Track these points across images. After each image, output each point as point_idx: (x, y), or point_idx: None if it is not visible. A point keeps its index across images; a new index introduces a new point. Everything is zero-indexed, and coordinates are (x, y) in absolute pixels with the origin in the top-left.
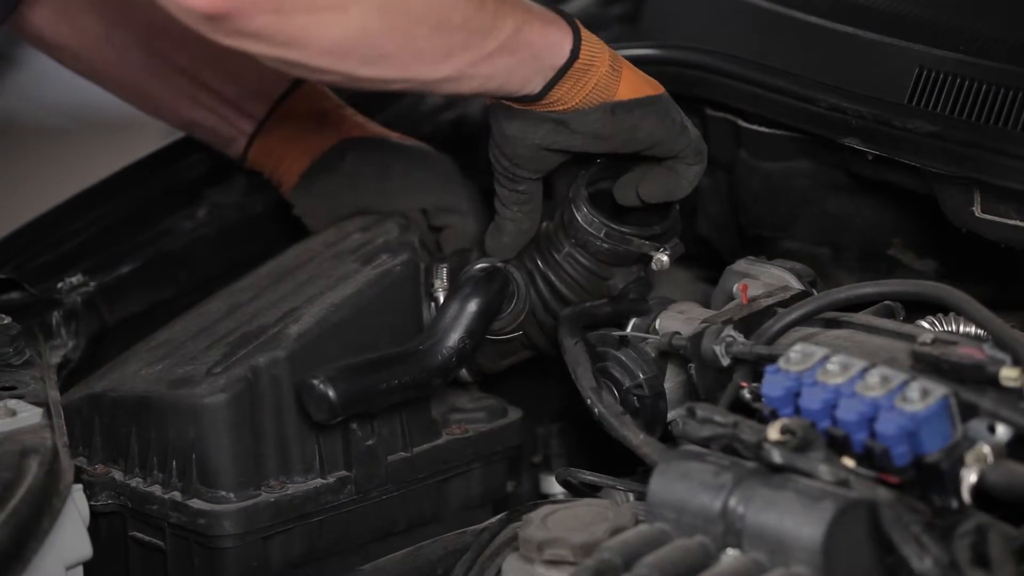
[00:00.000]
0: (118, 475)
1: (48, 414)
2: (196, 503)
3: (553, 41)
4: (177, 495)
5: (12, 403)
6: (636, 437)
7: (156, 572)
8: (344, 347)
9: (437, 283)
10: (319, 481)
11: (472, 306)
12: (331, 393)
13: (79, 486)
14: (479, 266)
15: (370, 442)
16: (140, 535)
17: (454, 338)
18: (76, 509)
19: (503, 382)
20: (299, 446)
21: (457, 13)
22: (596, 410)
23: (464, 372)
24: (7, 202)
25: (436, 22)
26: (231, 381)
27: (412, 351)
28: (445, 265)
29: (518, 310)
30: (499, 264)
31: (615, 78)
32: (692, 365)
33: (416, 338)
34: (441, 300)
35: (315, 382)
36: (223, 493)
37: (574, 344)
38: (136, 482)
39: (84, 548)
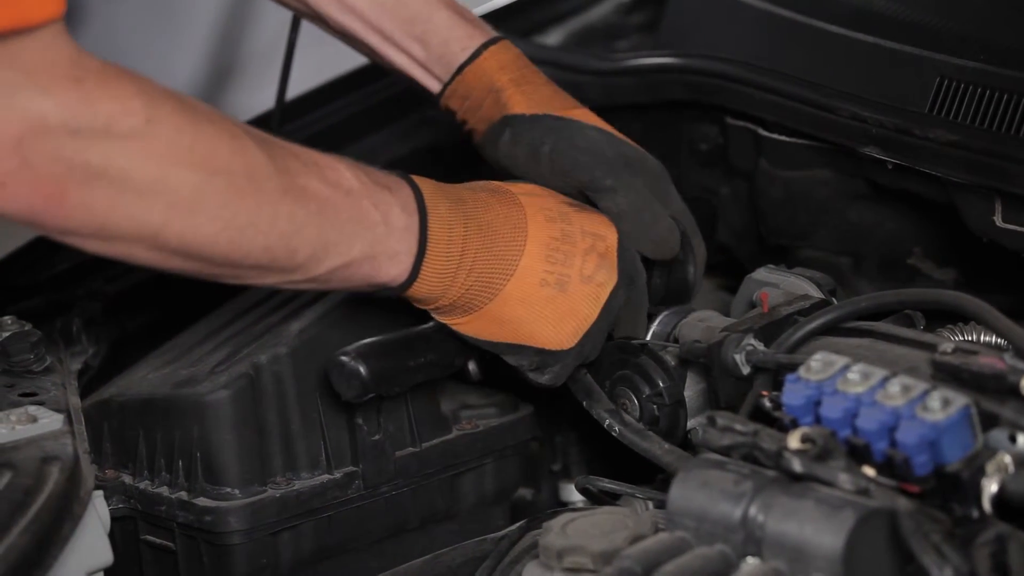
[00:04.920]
0: (128, 479)
1: (69, 420)
2: (202, 501)
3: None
4: (184, 494)
5: (33, 409)
6: (661, 448)
7: (169, 574)
8: (346, 342)
9: None
10: (326, 477)
11: None
12: (362, 370)
13: (99, 492)
14: None
15: (376, 437)
16: (152, 538)
17: None
18: (97, 515)
19: (517, 387)
20: (304, 442)
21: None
22: (617, 429)
23: (473, 368)
24: None
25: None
26: (233, 378)
27: (436, 329)
28: None
29: None
30: None
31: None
32: (712, 374)
33: None
34: None
35: (345, 359)
36: (228, 490)
37: (583, 374)
38: (145, 485)
39: (105, 554)
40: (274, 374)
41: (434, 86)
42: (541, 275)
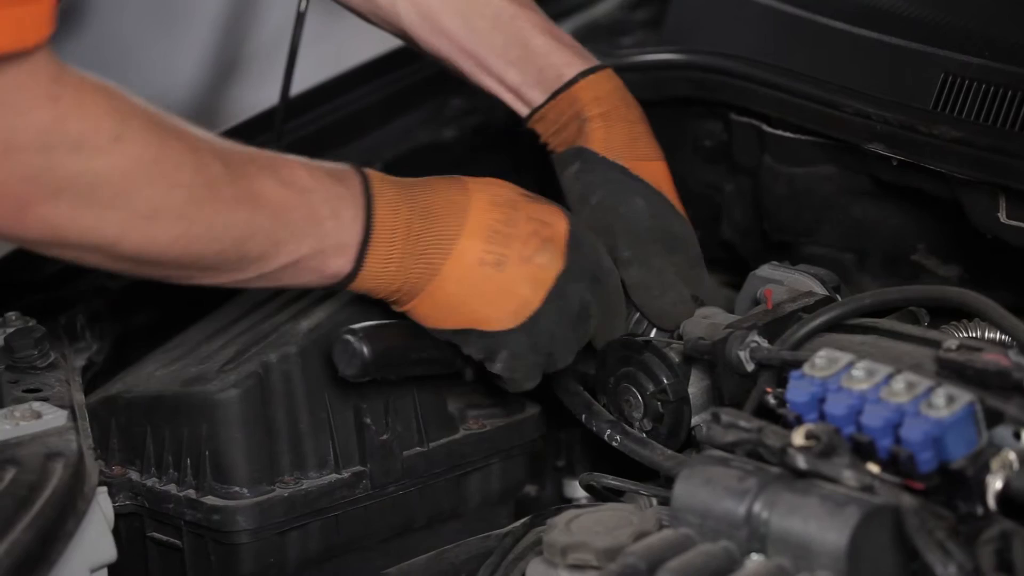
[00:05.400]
0: (135, 476)
1: (73, 416)
2: (210, 500)
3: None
4: (192, 492)
5: (37, 405)
6: (663, 455)
7: (175, 572)
8: None
9: None
10: (334, 476)
11: None
12: (366, 350)
13: (104, 489)
14: None
15: (385, 436)
16: (158, 535)
17: None
18: (101, 511)
19: None
20: (313, 441)
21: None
22: (618, 439)
23: (469, 371)
24: None
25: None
26: (242, 377)
27: None
28: None
29: None
30: None
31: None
32: (717, 370)
33: None
34: None
35: (351, 338)
36: (237, 489)
37: (580, 391)
38: (152, 482)
39: (109, 550)
40: (283, 373)
41: (522, 110)
42: (479, 255)
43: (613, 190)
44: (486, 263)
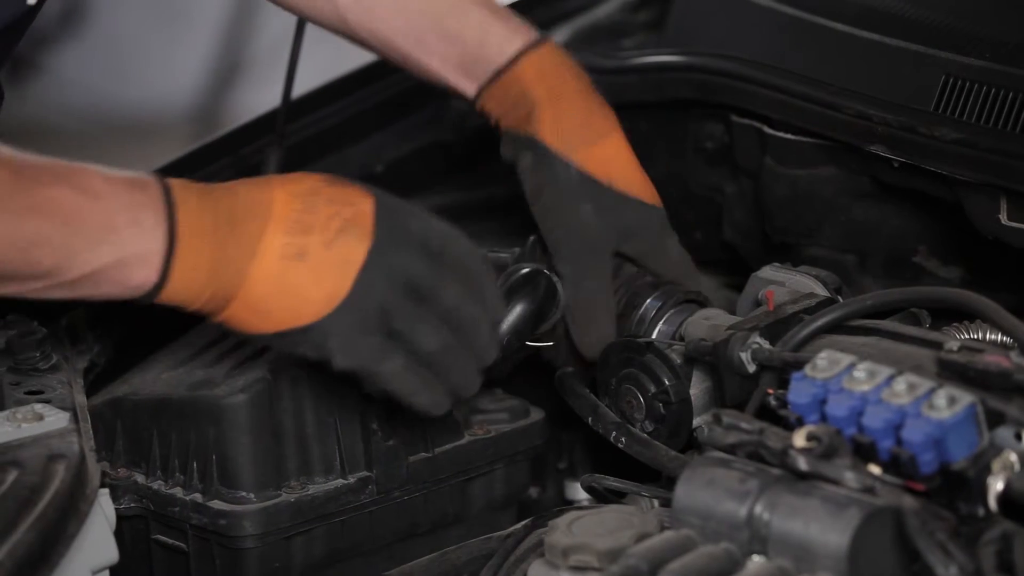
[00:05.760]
0: (140, 478)
1: (75, 418)
2: (217, 504)
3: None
4: (198, 496)
5: (39, 407)
6: (667, 456)
7: (179, 574)
8: None
9: None
10: (340, 481)
11: (521, 306)
12: None
13: (105, 490)
14: (524, 271)
15: (391, 442)
16: (163, 538)
17: (502, 335)
18: (102, 513)
19: (526, 385)
20: (319, 446)
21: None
22: (623, 440)
23: None
24: None
25: None
26: (250, 381)
27: None
28: None
29: (557, 317)
30: (543, 269)
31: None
32: (718, 372)
33: None
34: None
35: None
36: (243, 494)
37: (586, 394)
38: (158, 485)
39: (110, 552)
40: (291, 379)
41: (469, 88)
42: (280, 249)
43: (559, 195)
44: (288, 256)
